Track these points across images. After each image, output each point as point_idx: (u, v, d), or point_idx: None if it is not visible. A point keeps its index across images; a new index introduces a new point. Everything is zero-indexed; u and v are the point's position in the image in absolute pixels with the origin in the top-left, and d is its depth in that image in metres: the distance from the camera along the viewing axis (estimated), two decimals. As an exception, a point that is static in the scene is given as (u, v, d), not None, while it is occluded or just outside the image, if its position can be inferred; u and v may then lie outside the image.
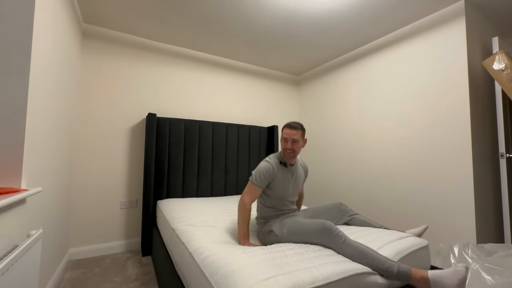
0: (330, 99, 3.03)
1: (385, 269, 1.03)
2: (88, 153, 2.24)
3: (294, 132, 1.47)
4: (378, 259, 1.06)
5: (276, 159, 1.52)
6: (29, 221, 1.19)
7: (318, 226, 1.24)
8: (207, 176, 2.60)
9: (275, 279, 0.87)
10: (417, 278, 1.01)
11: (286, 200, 1.53)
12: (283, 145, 1.49)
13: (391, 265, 1.04)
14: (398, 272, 1.02)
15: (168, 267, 1.49)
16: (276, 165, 1.49)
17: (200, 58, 2.84)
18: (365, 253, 1.08)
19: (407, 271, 1.03)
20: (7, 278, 0.78)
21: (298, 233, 1.31)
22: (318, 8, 1.98)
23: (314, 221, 1.28)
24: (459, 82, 1.86)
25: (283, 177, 1.50)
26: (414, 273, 1.02)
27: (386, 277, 1.04)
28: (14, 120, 1.05)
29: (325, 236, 1.19)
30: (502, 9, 1.95)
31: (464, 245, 1.46)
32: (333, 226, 1.20)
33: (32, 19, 1.08)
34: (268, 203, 1.52)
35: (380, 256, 1.07)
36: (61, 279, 1.80)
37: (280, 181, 1.49)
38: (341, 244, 1.14)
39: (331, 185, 2.94)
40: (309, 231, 1.27)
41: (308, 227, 1.28)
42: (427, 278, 1.00)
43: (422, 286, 1.00)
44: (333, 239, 1.17)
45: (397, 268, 1.03)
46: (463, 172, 1.81)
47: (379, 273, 1.04)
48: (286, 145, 1.47)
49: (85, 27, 2.26)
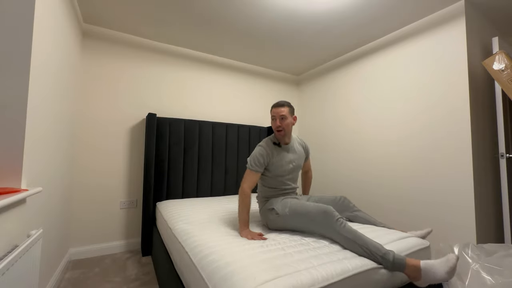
0: (330, 99, 3.03)
1: (381, 255, 1.06)
2: (88, 153, 2.24)
3: (281, 109, 1.49)
4: (375, 245, 1.09)
5: (269, 141, 1.55)
6: (29, 221, 1.19)
7: (320, 209, 1.26)
8: (207, 176, 2.61)
9: (273, 283, 0.86)
10: (410, 267, 1.04)
11: (285, 179, 1.53)
12: (273, 125, 1.52)
13: (387, 252, 1.07)
14: (393, 260, 1.05)
15: (168, 267, 1.49)
16: (270, 146, 1.51)
17: (200, 58, 2.84)
18: (363, 239, 1.11)
19: (402, 259, 1.06)
20: (7, 278, 0.78)
21: (300, 213, 1.32)
22: (318, 8, 1.98)
23: (316, 204, 1.31)
24: (459, 82, 1.86)
25: (279, 156, 1.51)
26: (408, 262, 1.05)
27: (382, 264, 1.06)
28: (14, 120, 1.05)
29: (326, 220, 1.22)
30: (502, 9, 1.95)
31: (464, 245, 1.45)
32: (334, 212, 1.23)
33: (32, 19, 1.08)
34: (267, 183, 1.53)
35: (377, 243, 1.10)
36: (61, 279, 1.80)
37: (277, 161, 1.50)
38: (341, 229, 1.17)
39: (331, 185, 2.94)
40: (311, 213, 1.29)
41: (310, 208, 1.30)
42: (418, 266, 1.03)
43: (414, 274, 1.03)
44: (333, 224, 1.20)
45: (392, 255, 1.06)
46: (463, 172, 1.81)
47: (376, 261, 1.06)
48: (275, 123, 1.49)
49: (85, 27, 2.26)
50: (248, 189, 1.42)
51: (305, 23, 2.19)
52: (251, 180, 1.44)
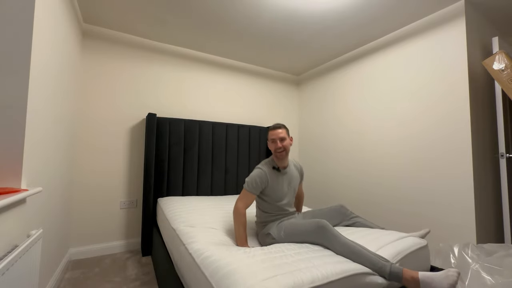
0: (330, 99, 3.03)
1: (378, 269, 1.05)
2: (88, 153, 2.24)
3: (280, 131, 1.52)
4: (371, 259, 1.07)
5: (269, 165, 1.54)
6: (29, 221, 1.19)
7: (313, 225, 1.25)
8: (207, 176, 2.60)
9: (275, 279, 0.87)
10: (408, 279, 1.02)
11: (282, 204, 1.53)
12: (273, 147, 1.52)
13: (383, 265, 1.05)
14: (390, 272, 1.03)
15: (168, 267, 1.49)
16: (269, 171, 1.50)
17: (200, 58, 2.84)
18: (359, 253, 1.09)
19: (399, 271, 1.04)
20: (7, 278, 0.78)
21: (295, 233, 1.32)
22: (318, 8, 1.98)
23: (309, 221, 1.30)
24: (459, 82, 1.86)
25: (277, 182, 1.52)
26: (406, 274, 1.03)
27: (379, 274, 1.05)
28: (14, 120, 1.04)
29: (320, 235, 1.21)
30: (502, 9, 1.95)
31: (464, 245, 1.45)
32: (327, 225, 1.21)
33: (32, 19, 1.08)
34: (264, 208, 1.53)
35: (374, 257, 1.08)
36: (61, 279, 1.80)
37: (274, 186, 1.50)
38: (336, 242, 1.15)
39: (331, 185, 2.94)
40: (305, 231, 1.28)
41: (304, 227, 1.30)
42: (417, 279, 1.00)
43: (413, 286, 1.01)
44: (328, 238, 1.18)
45: (389, 268, 1.04)
46: (463, 172, 1.81)
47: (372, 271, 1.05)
48: (276, 145, 1.50)
49: (85, 27, 2.26)
50: (243, 209, 1.41)
51: (305, 23, 2.19)
52: (247, 201, 1.45)
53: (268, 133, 1.56)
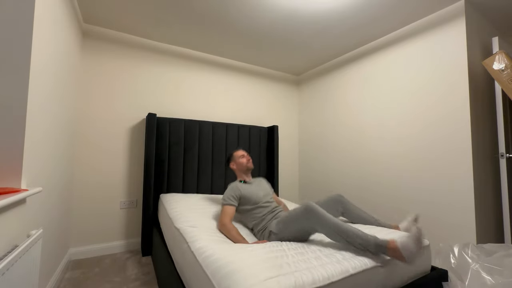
0: (330, 99, 3.03)
1: (365, 242, 1.12)
2: (88, 153, 2.24)
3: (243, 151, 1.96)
4: (358, 233, 1.16)
5: (236, 182, 1.80)
6: (29, 221, 1.19)
7: (301, 209, 1.32)
8: (207, 176, 2.60)
9: (277, 279, 0.87)
10: (391, 249, 1.10)
11: (265, 203, 1.66)
12: (244, 160, 1.88)
13: (370, 238, 1.14)
14: (375, 244, 1.12)
15: (168, 267, 1.49)
16: (238, 184, 1.75)
17: (200, 58, 2.84)
18: (347, 231, 1.17)
19: (384, 243, 1.12)
20: (7, 278, 0.78)
21: (289, 221, 1.38)
22: (318, 8, 1.98)
23: (299, 207, 1.38)
24: (459, 82, 1.86)
25: (250, 188, 1.72)
26: (389, 245, 1.11)
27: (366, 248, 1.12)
28: (14, 120, 1.04)
29: (310, 216, 1.27)
30: (502, 9, 1.95)
31: (464, 245, 1.45)
32: (315, 206, 1.28)
33: (32, 19, 1.08)
34: (253, 216, 1.62)
35: (361, 233, 1.16)
36: (61, 279, 1.80)
37: (248, 191, 1.68)
38: (325, 223, 1.22)
39: (331, 185, 2.94)
40: (296, 216, 1.35)
41: (295, 213, 1.37)
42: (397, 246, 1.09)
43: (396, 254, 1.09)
44: (317, 219, 1.24)
45: (373, 240, 1.13)
46: (463, 172, 1.81)
47: (360, 248, 1.12)
48: (247, 157, 1.90)
49: (85, 27, 2.26)
50: (229, 223, 1.48)
51: (305, 23, 2.19)
52: (228, 215, 1.54)
53: (233, 155, 1.93)
